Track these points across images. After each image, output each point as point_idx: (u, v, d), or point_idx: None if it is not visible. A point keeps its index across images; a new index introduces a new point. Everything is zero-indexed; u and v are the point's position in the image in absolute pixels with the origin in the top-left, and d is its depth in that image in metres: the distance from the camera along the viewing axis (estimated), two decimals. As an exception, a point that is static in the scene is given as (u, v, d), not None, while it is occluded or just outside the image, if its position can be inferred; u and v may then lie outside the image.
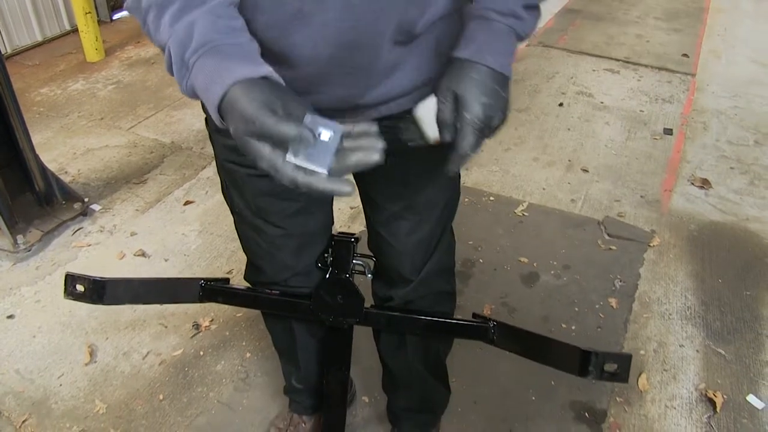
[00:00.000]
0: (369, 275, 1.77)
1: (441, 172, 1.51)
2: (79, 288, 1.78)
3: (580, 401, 2.52)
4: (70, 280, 1.79)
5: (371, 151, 1.02)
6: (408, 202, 1.61)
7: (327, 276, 1.73)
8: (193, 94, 1.11)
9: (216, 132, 1.55)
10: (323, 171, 1.03)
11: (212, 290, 1.83)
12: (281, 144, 1.01)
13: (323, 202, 1.73)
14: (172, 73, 1.12)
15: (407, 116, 1.27)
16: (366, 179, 1.64)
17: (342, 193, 1.02)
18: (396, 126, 1.28)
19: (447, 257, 1.83)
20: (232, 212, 1.74)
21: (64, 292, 1.79)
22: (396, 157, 1.30)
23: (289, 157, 1.02)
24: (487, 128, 1.22)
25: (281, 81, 1.09)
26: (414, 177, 1.56)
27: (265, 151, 1.02)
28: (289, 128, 0.99)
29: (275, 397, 2.47)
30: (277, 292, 1.82)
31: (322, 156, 1.03)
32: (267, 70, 1.08)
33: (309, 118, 1.03)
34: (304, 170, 1.02)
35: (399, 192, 1.59)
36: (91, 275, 1.78)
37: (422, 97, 1.29)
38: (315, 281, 1.78)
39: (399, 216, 1.63)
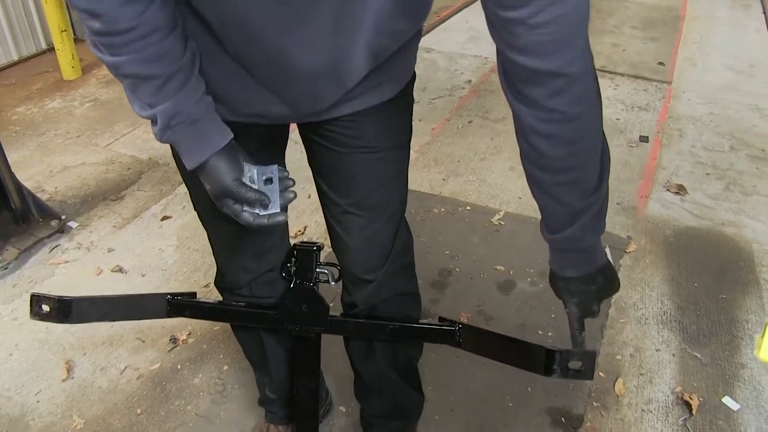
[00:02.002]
0: (333, 283, 1.77)
1: (388, 172, 1.66)
2: (45, 308, 1.78)
3: (556, 407, 2.52)
4: (36, 300, 1.78)
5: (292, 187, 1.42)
6: (357, 199, 1.66)
7: (291, 285, 1.74)
8: (167, 143, 1.36)
9: None
10: (278, 210, 1.40)
11: (179, 305, 1.83)
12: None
13: None
14: (141, 114, 1.33)
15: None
16: (319, 172, 1.71)
17: (281, 222, 1.41)
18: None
19: (404, 255, 1.85)
20: (195, 209, 1.80)
21: (30, 312, 1.79)
22: (345, 150, 1.57)
23: (258, 210, 1.39)
24: (588, 315, 1.50)
25: (233, 138, 1.39)
26: (362, 172, 1.63)
27: (229, 203, 1.38)
28: (254, 196, 1.36)
29: (252, 408, 2.47)
30: (243, 303, 1.83)
31: (273, 198, 1.40)
32: (230, 134, 1.38)
33: (255, 170, 1.40)
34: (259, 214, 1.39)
35: (348, 186, 1.65)
36: (56, 294, 1.78)
37: (372, 99, 1.49)
38: (280, 291, 1.80)
39: (350, 212, 1.69)
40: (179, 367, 2.69)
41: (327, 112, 1.48)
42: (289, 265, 1.75)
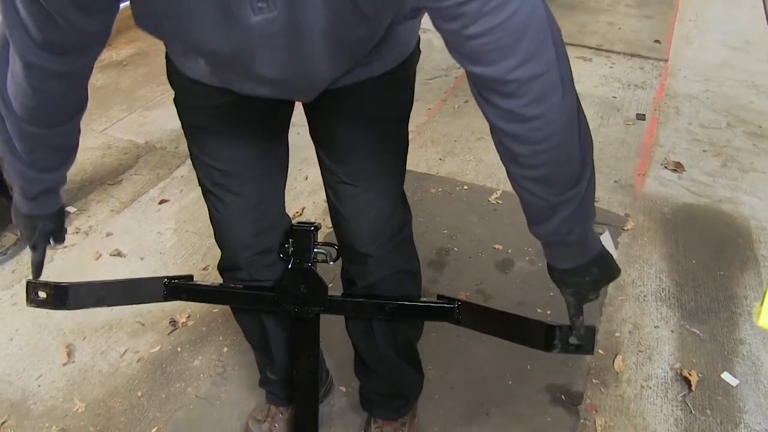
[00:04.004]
0: (331, 263, 1.77)
1: (384, 144, 1.68)
2: (42, 294, 1.77)
3: (556, 384, 2.53)
4: (32, 287, 1.78)
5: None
6: (352, 168, 1.69)
7: (289, 266, 1.74)
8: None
9: (179, 99, 1.67)
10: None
11: (176, 288, 1.83)
12: None
13: (275, 173, 1.84)
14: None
15: None
16: (318, 140, 1.73)
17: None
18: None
19: (402, 231, 1.85)
20: (199, 183, 1.79)
21: (27, 299, 1.79)
22: (342, 120, 1.60)
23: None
24: (585, 302, 1.48)
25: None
26: (358, 142, 1.66)
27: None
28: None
29: (253, 390, 2.47)
30: (241, 285, 1.83)
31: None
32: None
33: None
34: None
35: (344, 155, 1.68)
36: (53, 281, 1.78)
37: (368, 71, 1.51)
38: (279, 273, 1.81)
39: (345, 182, 1.71)
40: (179, 349, 2.70)
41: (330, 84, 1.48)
42: (287, 245, 1.75)
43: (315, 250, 1.72)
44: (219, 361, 2.63)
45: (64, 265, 3.14)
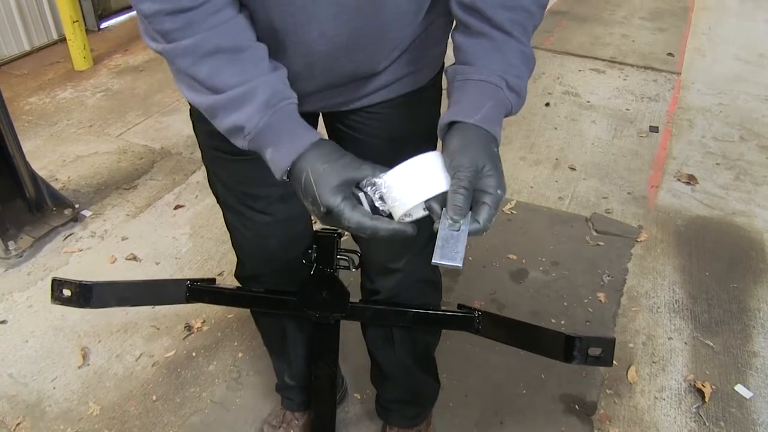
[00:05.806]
0: (353, 269, 1.78)
1: None
2: (66, 292, 1.79)
3: (570, 394, 2.54)
4: (57, 284, 1.80)
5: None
6: None
7: (312, 272, 1.74)
8: (258, 134, 1.19)
9: (198, 121, 1.58)
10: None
11: (199, 290, 1.84)
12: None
13: None
14: (222, 98, 1.16)
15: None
16: None
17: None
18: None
19: (430, 244, 1.84)
20: (218, 203, 1.76)
21: (51, 297, 1.80)
22: (370, 140, 1.54)
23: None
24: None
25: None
26: (386, 162, 1.59)
27: (350, 204, 1.17)
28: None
29: (267, 395, 2.49)
30: (263, 290, 1.84)
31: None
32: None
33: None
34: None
35: None
36: (78, 279, 1.79)
37: (401, 87, 1.45)
38: (301, 279, 1.80)
39: None
40: (194, 354, 2.71)
41: (357, 101, 1.46)
42: (310, 251, 1.75)
43: (338, 256, 1.73)
44: (234, 366, 2.64)
45: (79, 268, 3.15)
